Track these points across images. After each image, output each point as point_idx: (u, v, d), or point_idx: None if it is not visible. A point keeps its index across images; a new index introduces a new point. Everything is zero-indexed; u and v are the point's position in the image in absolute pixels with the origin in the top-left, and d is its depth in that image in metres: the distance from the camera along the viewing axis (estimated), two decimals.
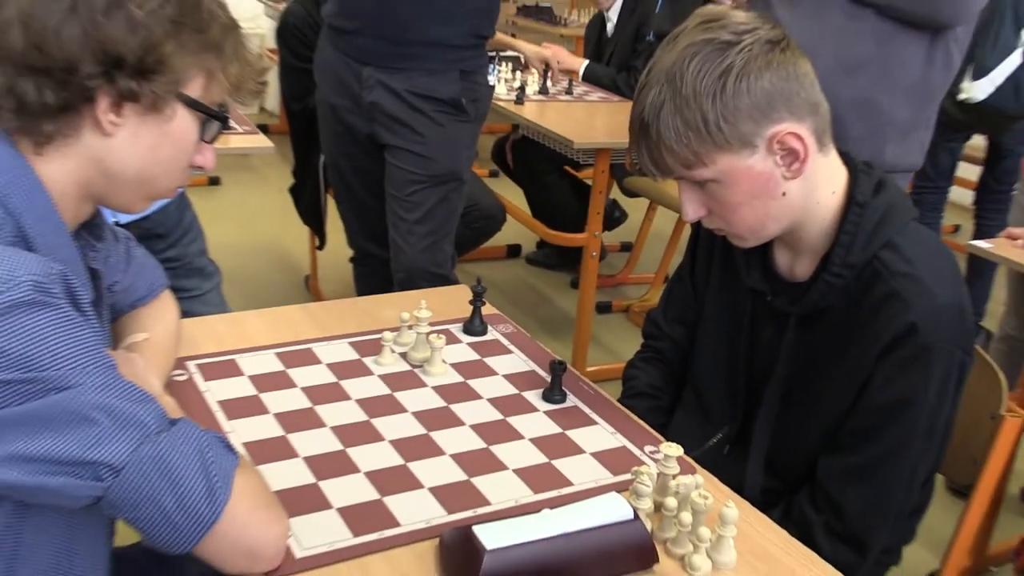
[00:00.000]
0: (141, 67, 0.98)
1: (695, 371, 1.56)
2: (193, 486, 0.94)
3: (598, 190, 3.10)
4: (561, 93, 3.67)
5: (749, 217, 1.27)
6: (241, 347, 1.49)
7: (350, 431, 1.30)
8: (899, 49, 1.82)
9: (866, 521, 1.29)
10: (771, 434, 1.39)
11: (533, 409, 1.40)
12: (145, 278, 1.37)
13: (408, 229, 2.47)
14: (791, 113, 1.21)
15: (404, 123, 2.39)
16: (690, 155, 1.22)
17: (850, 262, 1.27)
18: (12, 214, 0.98)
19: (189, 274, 2.16)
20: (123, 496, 0.93)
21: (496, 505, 1.18)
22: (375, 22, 2.33)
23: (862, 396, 1.28)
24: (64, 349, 0.90)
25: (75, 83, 0.97)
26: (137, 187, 1.07)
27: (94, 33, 0.96)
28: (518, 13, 6.16)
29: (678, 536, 1.12)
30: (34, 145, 1.01)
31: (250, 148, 2.83)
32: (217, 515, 0.95)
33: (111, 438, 0.91)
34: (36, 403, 0.88)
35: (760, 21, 1.23)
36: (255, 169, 5.45)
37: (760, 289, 1.40)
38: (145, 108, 1.01)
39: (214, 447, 0.98)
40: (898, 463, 1.28)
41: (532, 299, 4.05)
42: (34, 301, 0.89)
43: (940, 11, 1.78)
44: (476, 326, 1.61)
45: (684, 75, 1.19)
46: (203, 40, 1.03)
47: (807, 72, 1.24)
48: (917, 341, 1.22)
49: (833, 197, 1.30)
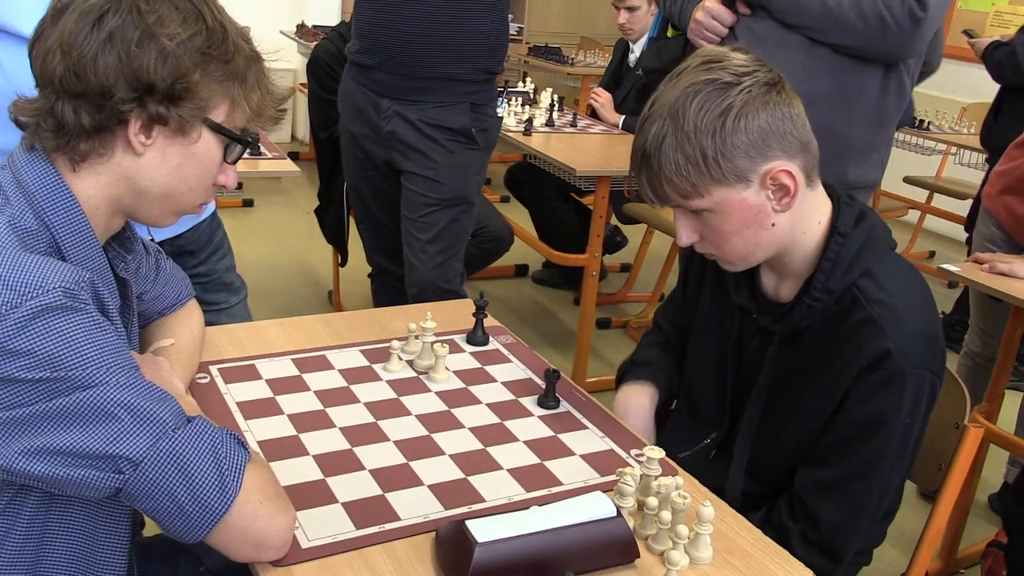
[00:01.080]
0: (170, 93, 0.99)
1: (687, 379, 1.55)
2: (206, 480, 0.94)
3: (598, 215, 3.10)
4: (566, 126, 3.67)
5: (739, 245, 1.26)
6: (260, 353, 1.49)
7: (357, 432, 1.29)
8: (855, 81, 1.86)
9: (840, 531, 1.27)
10: (753, 441, 1.38)
11: (528, 414, 1.39)
12: (173, 288, 1.37)
13: (421, 248, 2.47)
14: (784, 151, 1.21)
15: (419, 151, 2.40)
16: (688, 187, 1.21)
17: (830, 287, 1.26)
18: (48, 227, 0.99)
19: (217, 288, 2.16)
20: (141, 488, 0.93)
21: (490, 502, 1.16)
22: (394, 59, 2.35)
23: (838, 412, 1.27)
24: (90, 350, 0.90)
25: (109, 107, 0.97)
26: (164, 203, 1.07)
27: (128, 62, 0.96)
28: (529, 53, 6.17)
29: (658, 533, 1.11)
30: (70, 163, 1.01)
31: (280, 172, 2.85)
32: (227, 507, 0.95)
33: (131, 434, 0.91)
34: (62, 400, 0.89)
35: (758, 64, 1.22)
36: (286, 192, 5.46)
37: (747, 307, 1.39)
38: (173, 131, 1.02)
39: (227, 443, 0.98)
40: (871, 477, 1.26)
41: (537, 314, 4.04)
42: (64, 306, 0.90)
43: (888, 49, 1.82)
44: (478, 337, 1.60)
45: (686, 112, 1.18)
46: (228, 70, 1.03)
47: (800, 113, 1.23)
48: (891, 365, 1.21)
49: (818, 227, 1.29)
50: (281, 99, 1.13)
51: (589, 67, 5.73)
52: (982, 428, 1.40)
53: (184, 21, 0.99)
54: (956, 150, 4.67)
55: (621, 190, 3.24)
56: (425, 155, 2.40)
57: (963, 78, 5.23)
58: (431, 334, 1.50)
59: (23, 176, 1.00)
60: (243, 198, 5.09)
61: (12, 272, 0.89)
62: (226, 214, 2.24)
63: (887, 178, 4.56)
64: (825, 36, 1.82)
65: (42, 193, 1.00)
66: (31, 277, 0.90)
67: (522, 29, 6.95)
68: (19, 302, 0.88)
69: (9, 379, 0.87)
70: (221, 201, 2.21)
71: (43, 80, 0.99)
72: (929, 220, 5.29)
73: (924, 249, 5.36)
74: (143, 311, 1.31)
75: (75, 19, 0.96)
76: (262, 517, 0.98)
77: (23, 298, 0.88)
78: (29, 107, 1.00)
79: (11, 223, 0.97)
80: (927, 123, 4.57)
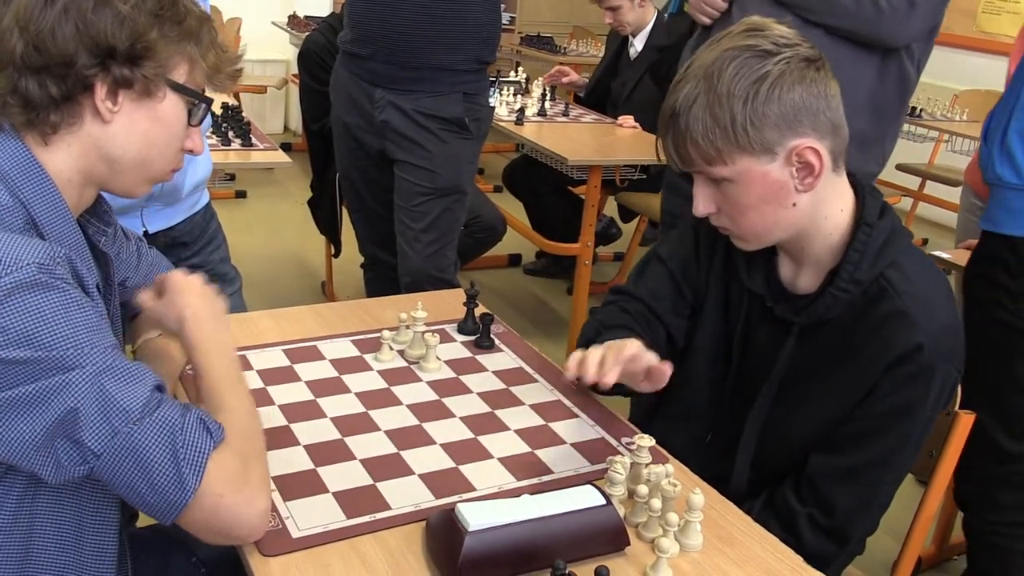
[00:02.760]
0: (131, 54, 1.00)
1: (686, 365, 1.50)
2: (163, 474, 0.93)
3: (590, 204, 3.10)
4: (558, 115, 3.67)
5: (756, 221, 1.23)
6: (251, 344, 1.49)
7: (348, 422, 1.29)
8: (849, 67, 1.79)
9: (852, 518, 1.27)
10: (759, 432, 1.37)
11: (520, 403, 1.39)
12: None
13: (414, 237, 2.46)
14: (814, 129, 1.19)
15: (412, 140, 2.40)
16: (712, 151, 1.19)
17: (857, 278, 1.24)
18: (24, 204, 1.00)
19: (211, 280, 2.15)
20: (106, 476, 0.93)
21: (481, 491, 1.16)
22: (387, 49, 2.34)
23: (862, 404, 1.25)
24: (65, 329, 0.90)
25: (74, 75, 0.99)
26: (136, 170, 1.08)
27: (86, 29, 0.98)
28: (521, 42, 6.15)
29: (648, 521, 1.11)
30: (41, 137, 1.02)
31: (273, 163, 2.85)
32: (187, 499, 0.93)
33: (94, 425, 0.91)
34: (37, 384, 0.89)
35: (801, 38, 1.20)
36: (278, 183, 5.45)
37: (760, 293, 1.35)
38: (139, 93, 1.03)
39: (189, 433, 0.95)
40: (889, 467, 1.26)
41: (531, 304, 4.04)
42: (39, 283, 0.90)
43: (881, 34, 1.78)
44: (469, 326, 1.60)
45: (722, 74, 1.16)
46: (182, 30, 1.05)
47: (836, 95, 1.21)
48: (922, 359, 1.20)
49: (842, 215, 1.26)
50: (236, 58, 1.15)
51: (581, 56, 5.72)
52: (972, 414, 1.40)
53: None
54: (949, 137, 4.67)
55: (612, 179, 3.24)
56: (418, 144, 2.39)
57: (956, 65, 5.23)
58: (421, 324, 1.49)
59: None
60: (236, 189, 5.07)
61: None
62: (219, 205, 2.23)
63: None
64: (817, 16, 1.78)
65: (15, 170, 1.00)
66: (5, 253, 0.90)
67: (514, 19, 6.92)
68: None
69: None
70: (214, 192, 2.20)
71: (3, 60, 0.99)
72: (922, 207, 5.30)
73: (917, 236, 5.36)
74: (128, 301, 1.31)
75: None
76: (224, 508, 0.96)
77: None
78: None
79: None
80: (919, 110, 4.57)
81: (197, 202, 1.98)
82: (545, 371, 1.49)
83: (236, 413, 1.05)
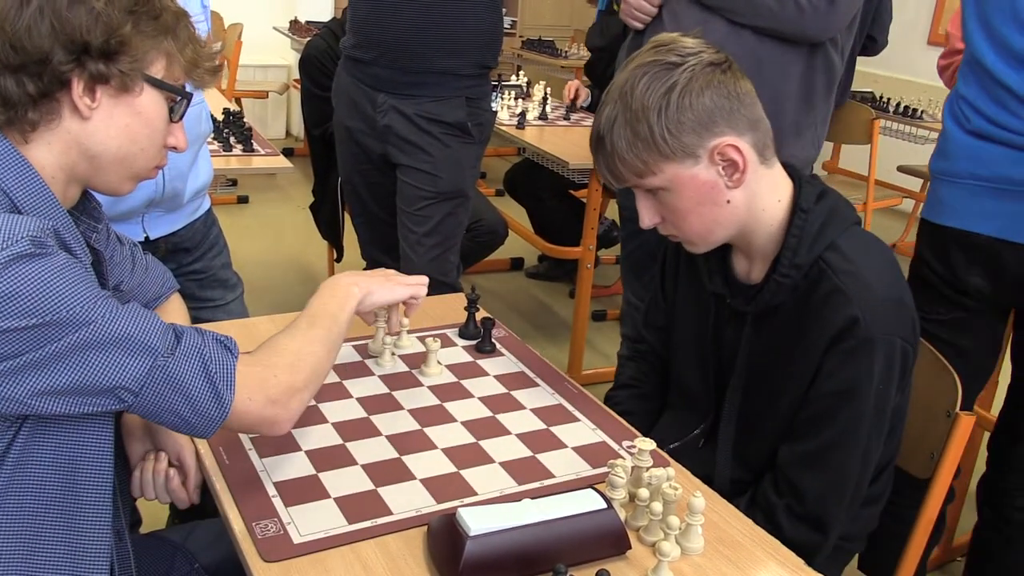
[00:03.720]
0: (106, 50, 1.01)
1: (675, 372, 1.56)
2: (202, 395, 1.02)
3: (592, 207, 3.10)
4: (559, 119, 3.67)
5: (696, 223, 1.28)
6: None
7: (350, 427, 1.29)
8: (778, 62, 1.89)
9: (824, 502, 1.28)
10: (737, 426, 1.39)
11: (521, 407, 1.39)
12: (153, 282, 1.37)
13: (417, 241, 2.47)
14: (731, 127, 1.23)
15: (415, 144, 2.40)
16: (640, 164, 1.24)
17: (797, 263, 1.28)
18: (5, 192, 1.00)
19: (213, 285, 2.15)
20: (145, 410, 1.01)
21: (482, 495, 1.17)
22: (389, 53, 2.34)
23: (812, 385, 1.28)
24: (69, 290, 0.93)
25: (50, 71, 0.99)
26: (119, 167, 1.09)
27: (61, 27, 0.99)
28: (523, 46, 6.16)
29: (649, 524, 1.11)
30: (21, 135, 1.03)
31: (274, 168, 2.85)
32: (225, 413, 1.04)
33: (126, 366, 0.97)
34: (57, 344, 0.92)
35: (704, 46, 1.26)
36: (280, 188, 5.45)
37: (721, 293, 1.40)
38: (116, 89, 1.04)
39: (215, 354, 1.04)
40: (850, 447, 1.27)
41: (533, 307, 4.04)
42: (34, 253, 0.92)
43: (805, 31, 1.86)
44: (470, 330, 1.60)
45: (634, 91, 1.22)
46: (158, 25, 1.06)
47: (748, 91, 1.26)
48: (860, 333, 1.23)
49: (779, 205, 1.30)
50: (213, 53, 1.15)
51: (582, 60, 5.71)
52: (973, 416, 1.40)
53: None
54: None
55: None
56: (421, 149, 2.39)
57: None
58: (383, 320, 1.49)
59: None
60: (238, 195, 5.08)
61: None
62: (220, 211, 2.24)
63: (881, 167, 4.56)
64: (743, 18, 1.85)
65: None
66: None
67: (515, 22, 6.94)
68: None
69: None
70: (216, 198, 2.21)
71: None
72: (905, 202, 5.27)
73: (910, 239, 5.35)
74: None
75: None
76: (256, 412, 1.07)
77: None
78: None
79: None
80: (920, 112, 4.57)
81: (198, 208, 1.99)
82: (546, 375, 1.50)
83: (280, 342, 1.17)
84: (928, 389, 1.44)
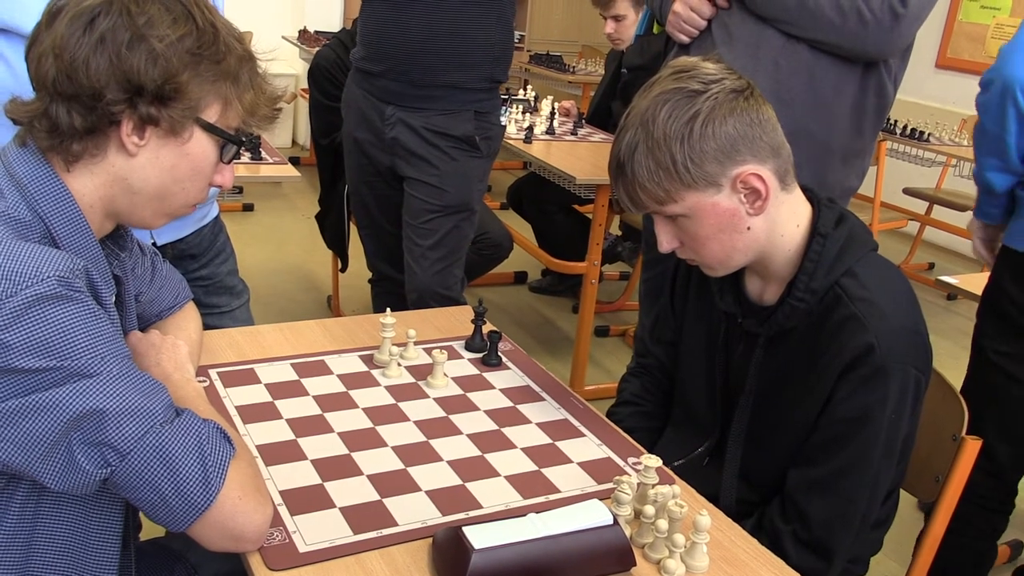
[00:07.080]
0: (160, 94, 1.00)
1: (680, 388, 1.56)
2: (190, 475, 0.96)
3: (598, 223, 3.10)
4: (567, 134, 3.68)
5: (716, 249, 1.28)
6: (259, 357, 1.49)
7: (356, 437, 1.30)
8: (832, 81, 1.82)
9: (831, 529, 1.28)
10: (745, 447, 1.39)
11: (527, 421, 1.39)
12: (170, 291, 1.38)
13: (422, 254, 2.47)
14: (754, 155, 1.23)
15: (422, 157, 2.41)
16: (661, 192, 1.23)
17: (812, 287, 1.28)
18: (42, 218, 1.00)
19: (220, 292, 2.16)
20: (126, 479, 0.95)
21: (487, 508, 1.17)
22: (399, 66, 2.35)
23: (824, 411, 1.28)
24: (85, 339, 0.92)
25: (100, 108, 0.98)
26: (157, 203, 1.08)
27: (119, 64, 0.97)
28: (530, 61, 6.19)
29: (655, 542, 1.11)
30: (64, 162, 1.02)
31: (281, 177, 2.86)
32: (210, 502, 0.96)
33: (120, 425, 0.93)
34: (57, 390, 0.90)
35: (727, 72, 1.25)
36: (286, 197, 5.47)
37: (732, 312, 1.40)
38: (165, 131, 1.03)
39: (213, 439, 1.00)
40: (859, 474, 1.27)
41: (536, 322, 4.04)
42: (59, 295, 0.91)
43: (866, 47, 1.78)
44: (477, 343, 1.61)
45: (656, 119, 1.21)
46: (219, 70, 1.04)
47: (770, 118, 1.25)
48: (874, 361, 1.22)
49: (798, 230, 1.30)
50: (275, 98, 1.14)
51: (590, 75, 5.75)
52: (979, 440, 1.40)
53: (174, 22, 1.00)
54: (956, 162, 4.67)
55: None
56: (428, 162, 2.40)
57: (963, 90, 5.25)
58: (391, 330, 1.50)
59: (15, 170, 1.01)
60: (243, 202, 5.10)
61: (7, 261, 0.91)
62: (227, 218, 2.24)
63: (887, 189, 4.56)
64: (801, 31, 1.78)
65: (35, 186, 1.01)
66: (26, 266, 0.91)
67: (523, 37, 6.96)
68: (14, 291, 0.89)
69: (5, 369, 0.88)
70: (222, 205, 2.21)
71: (38, 83, 1.00)
72: (929, 232, 5.30)
73: (923, 261, 5.36)
74: (140, 313, 1.32)
75: (67, 22, 0.97)
76: (241, 513, 1.00)
77: (18, 287, 0.89)
78: (24, 109, 1.01)
79: (5, 214, 0.98)
80: (927, 135, 4.58)
81: (206, 215, 1.99)
82: (552, 389, 1.50)
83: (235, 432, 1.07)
84: (934, 413, 1.44)
